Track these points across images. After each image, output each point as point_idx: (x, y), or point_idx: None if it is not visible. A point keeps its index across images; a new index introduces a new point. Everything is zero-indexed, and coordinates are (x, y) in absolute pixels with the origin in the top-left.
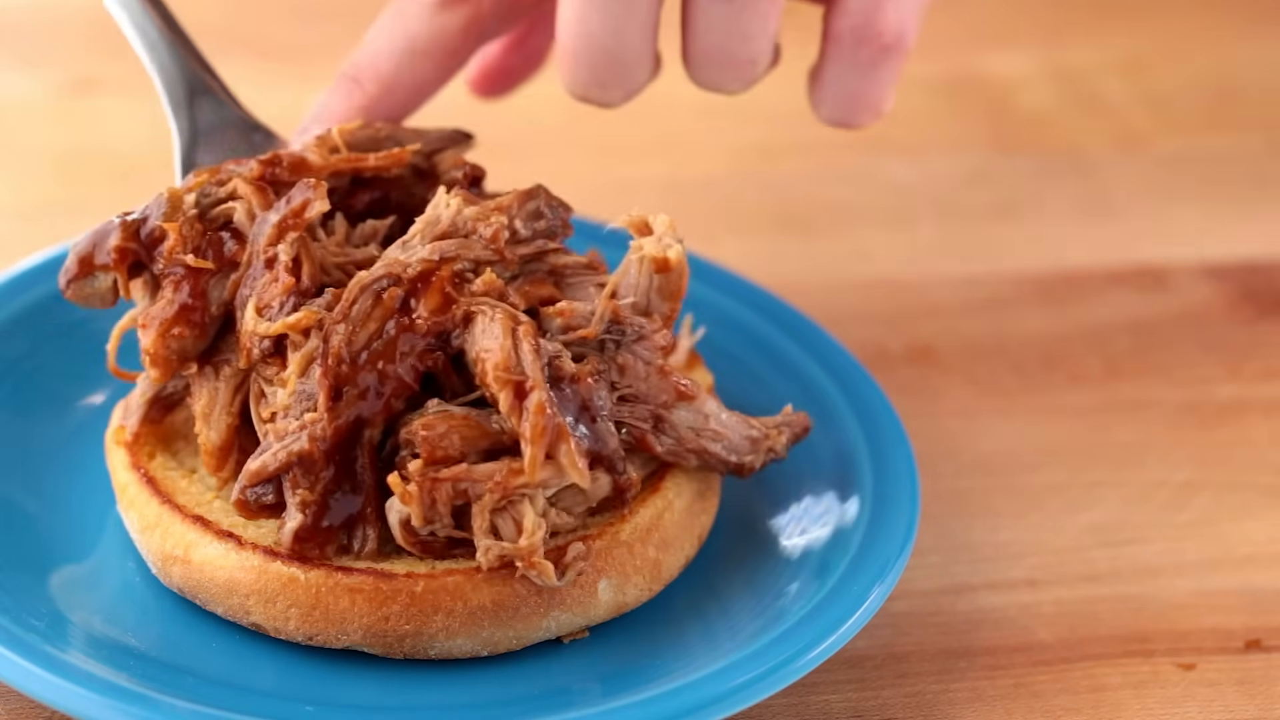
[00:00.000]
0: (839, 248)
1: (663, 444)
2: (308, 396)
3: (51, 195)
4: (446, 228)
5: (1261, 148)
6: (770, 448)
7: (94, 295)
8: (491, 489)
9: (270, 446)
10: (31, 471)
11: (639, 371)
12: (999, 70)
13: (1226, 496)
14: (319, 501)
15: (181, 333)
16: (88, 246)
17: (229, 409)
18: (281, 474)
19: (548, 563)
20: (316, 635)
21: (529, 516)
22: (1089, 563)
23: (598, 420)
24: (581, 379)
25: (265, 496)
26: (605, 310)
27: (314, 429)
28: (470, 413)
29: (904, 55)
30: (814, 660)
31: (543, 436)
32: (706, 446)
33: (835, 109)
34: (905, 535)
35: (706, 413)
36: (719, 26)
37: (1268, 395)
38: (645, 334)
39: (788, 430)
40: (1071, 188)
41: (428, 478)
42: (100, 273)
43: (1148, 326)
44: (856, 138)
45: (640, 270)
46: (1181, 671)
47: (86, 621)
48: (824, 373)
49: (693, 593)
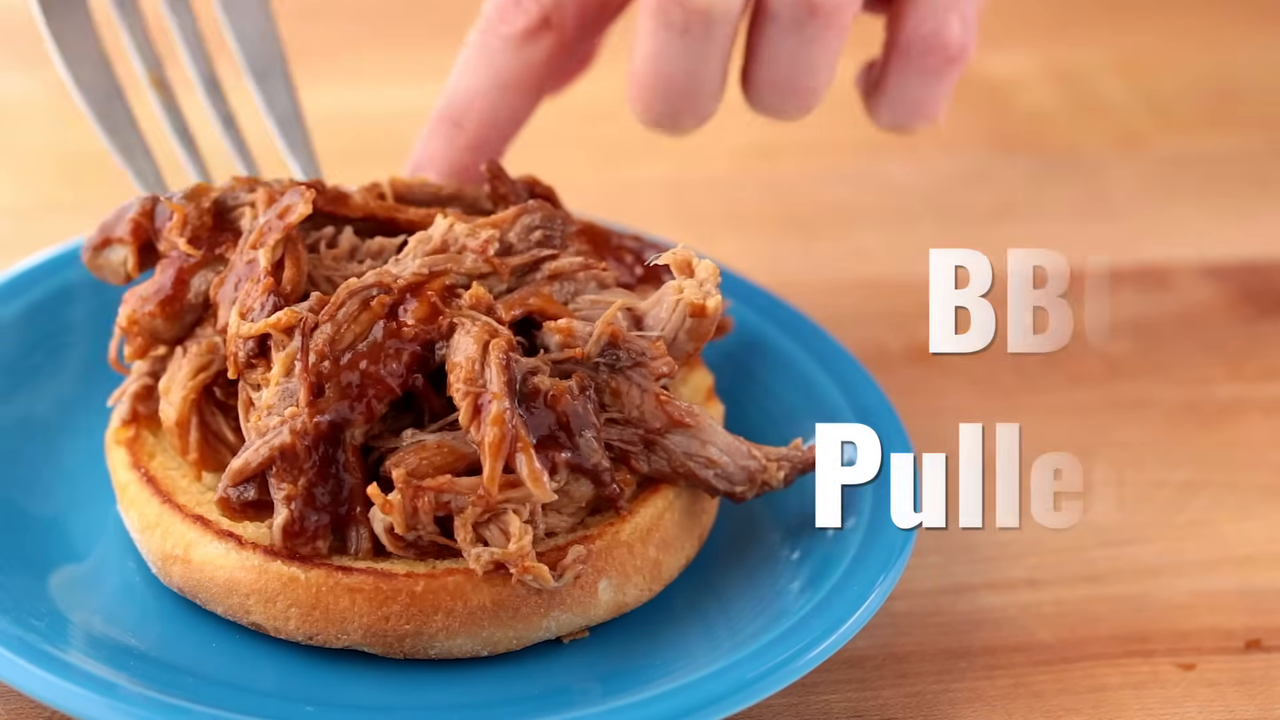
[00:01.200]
0: (839, 248)
1: (651, 464)
2: (290, 394)
3: (51, 195)
4: (438, 244)
5: (1261, 148)
6: (765, 481)
7: (107, 268)
8: (474, 501)
9: (253, 444)
10: (31, 471)
11: (633, 398)
12: (999, 70)
13: (1226, 496)
14: (303, 495)
15: (153, 313)
16: (112, 218)
17: (187, 383)
18: (265, 470)
19: (542, 566)
20: (316, 635)
21: (515, 524)
22: (1089, 563)
23: (578, 436)
24: (559, 396)
25: (246, 494)
26: (603, 333)
27: (294, 423)
28: (445, 438)
29: (965, 65)
30: (814, 660)
31: (499, 447)
32: (695, 471)
33: (896, 115)
34: (905, 535)
35: (704, 440)
36: (786, 57)
37: (1268, 395)
38: (643, 360)
39: (788, 465)
40: (1071, 188)
41: (410, 485)
42: (117, 244)
43: (1148, 326)
44: (856, 138)
45: (675, 310)
46: (1181, 671)
47: (86, 621)
48: (824, 373)
49: (693, 592)
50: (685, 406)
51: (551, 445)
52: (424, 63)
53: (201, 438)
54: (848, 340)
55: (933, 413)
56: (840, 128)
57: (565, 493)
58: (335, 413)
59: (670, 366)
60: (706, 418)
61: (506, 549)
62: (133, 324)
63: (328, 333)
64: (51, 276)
